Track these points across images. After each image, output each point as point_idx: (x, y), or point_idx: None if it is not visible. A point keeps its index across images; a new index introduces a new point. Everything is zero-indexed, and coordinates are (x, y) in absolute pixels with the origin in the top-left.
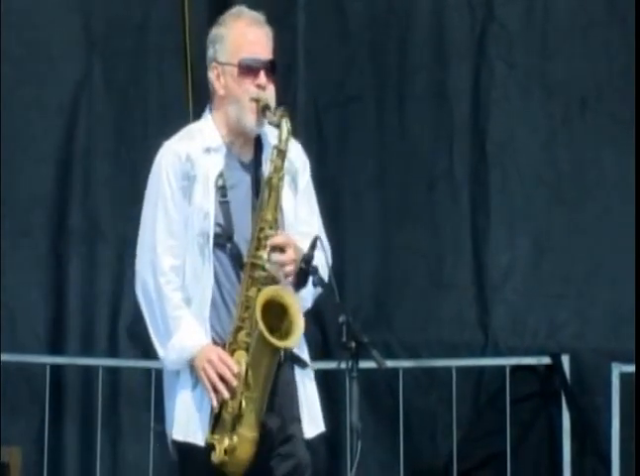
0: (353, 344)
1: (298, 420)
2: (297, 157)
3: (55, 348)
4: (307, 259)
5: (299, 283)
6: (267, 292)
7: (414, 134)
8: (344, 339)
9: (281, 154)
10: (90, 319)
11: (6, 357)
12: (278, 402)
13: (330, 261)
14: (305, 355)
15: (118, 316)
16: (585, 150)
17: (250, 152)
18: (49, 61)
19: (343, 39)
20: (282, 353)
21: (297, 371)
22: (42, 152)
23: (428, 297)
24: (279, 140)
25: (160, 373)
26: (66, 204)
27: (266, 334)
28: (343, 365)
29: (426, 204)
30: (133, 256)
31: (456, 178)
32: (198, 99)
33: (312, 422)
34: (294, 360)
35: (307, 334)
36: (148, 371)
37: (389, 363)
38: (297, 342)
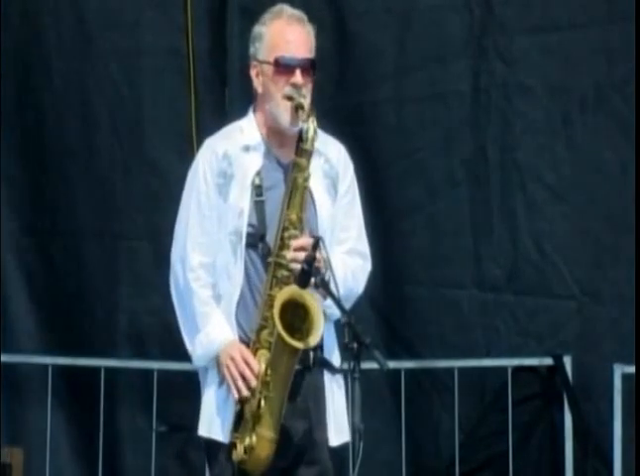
0: (355, 345)
1: (324, 427)
2: (339, 160)
3: (58, 349)
4: (309, 260)
5: (301, 284)
6: (287, 291)
7: (413, 134)
8: (346, 340)
9: (306, 153)
10: (90, 320)
11: (7, 357)
12: (306, 405)
13: (369, 267)
14: (336, 360)
15: (118, 317)
16: (585, 150)
17: (289, 152)
18: (45, 60)
19: (340, 38)
20: (312, 356)
21: (327, 377)
22: (40, 151)
23: (430, 298)
24: (305, 139)
25: (161, 374)
26: (62, 203)
27: (284, 334)
28: (345, 366)
29: (426, 205)
30: (129, 254)
31: (455, 178)
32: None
33: (338, 430)
34: (324, 365)
35: (339, 339)
36: (149, 372)
37: (391, 364)
38: (315, 343)
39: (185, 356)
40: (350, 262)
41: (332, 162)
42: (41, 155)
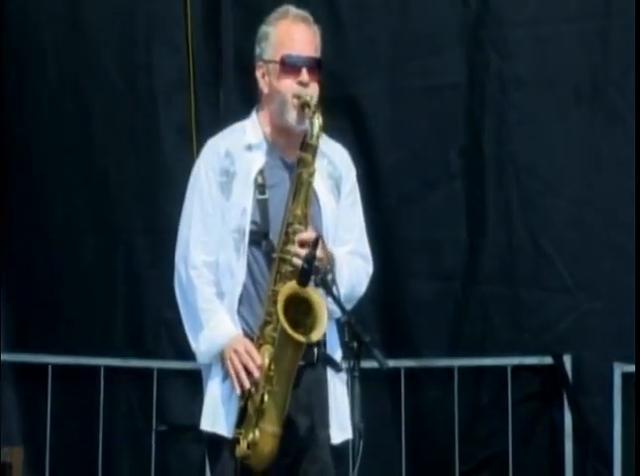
0: (355, 344)
1: (327, 425)
2: (342, 163)
3: (57, 348)
4: (309, 258)
5: (300, 283)
6: (290, 286)
7: (408, 126)
8: (346, 339)
9: (311, 148)
10: (90, 319)
11: (7, 357)
12: (309, 402)
13: (370, 270)
14: (338, 358)
15: (116, 315)
16: (581, 143)
17: (294, 152)
18: (42, 55)
19: (335, 30)
20: (316, 353)
21: (330, 373)
22: (38, 147)
23: (428, 296)
24: (310, 135)
25: (160, 373)
26: (59, 199)
27: (287, 328)
28: (345, 364)
29: (421, 197)
30: (128, 251)
31: (450, 171)
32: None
33: (340, 428)
34: (328, 362)
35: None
36: (150, 371)
37: (391, 362)
38: (318, 337)
39: (184, 354)
40: (352, 261)
41: (335, 163)
42: (39, 151)
